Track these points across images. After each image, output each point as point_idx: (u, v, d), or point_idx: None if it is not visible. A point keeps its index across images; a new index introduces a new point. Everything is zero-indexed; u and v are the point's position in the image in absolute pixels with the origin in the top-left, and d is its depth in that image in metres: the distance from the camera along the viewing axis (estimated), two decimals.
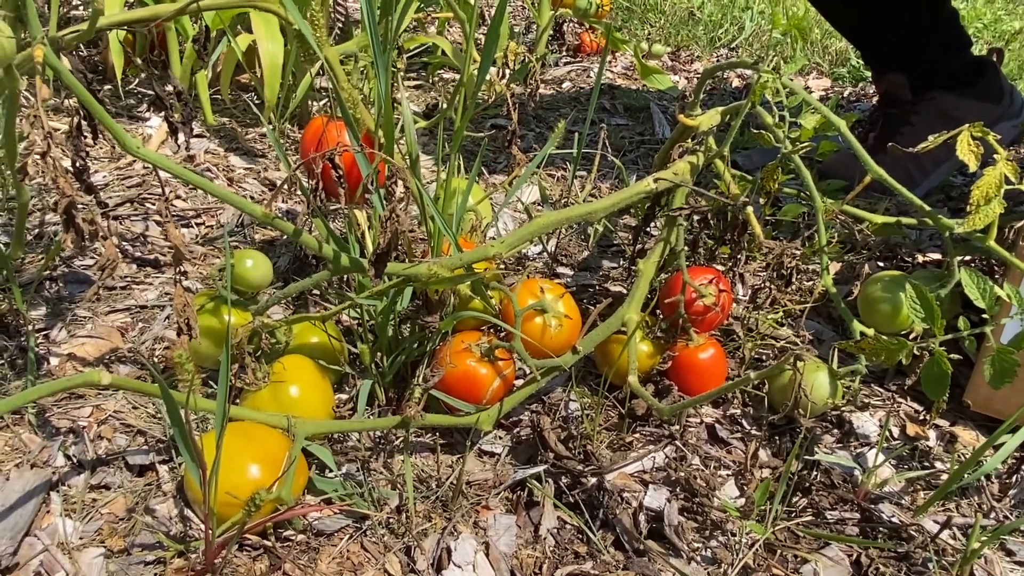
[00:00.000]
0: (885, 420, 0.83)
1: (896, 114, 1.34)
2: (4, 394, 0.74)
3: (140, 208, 1.10)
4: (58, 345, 0.82)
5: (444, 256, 0.79)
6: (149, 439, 0.72)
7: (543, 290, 0.77)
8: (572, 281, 1.06)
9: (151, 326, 0.87)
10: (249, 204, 0.63)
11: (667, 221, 0.83)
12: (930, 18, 1.28)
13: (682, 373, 0.81)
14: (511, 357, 0.77)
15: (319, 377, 0.74)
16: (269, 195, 1.15)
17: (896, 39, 1.31)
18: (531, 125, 1.55)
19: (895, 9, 1.26)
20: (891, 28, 1.29)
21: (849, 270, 1.06)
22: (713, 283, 0.82)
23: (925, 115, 1.31)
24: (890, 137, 1.33)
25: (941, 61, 1.31)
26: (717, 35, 2.30)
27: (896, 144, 1.29)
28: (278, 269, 1.00)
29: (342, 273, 0.67)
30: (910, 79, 1.33)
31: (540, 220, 0.71)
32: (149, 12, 0.78)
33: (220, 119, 1.39)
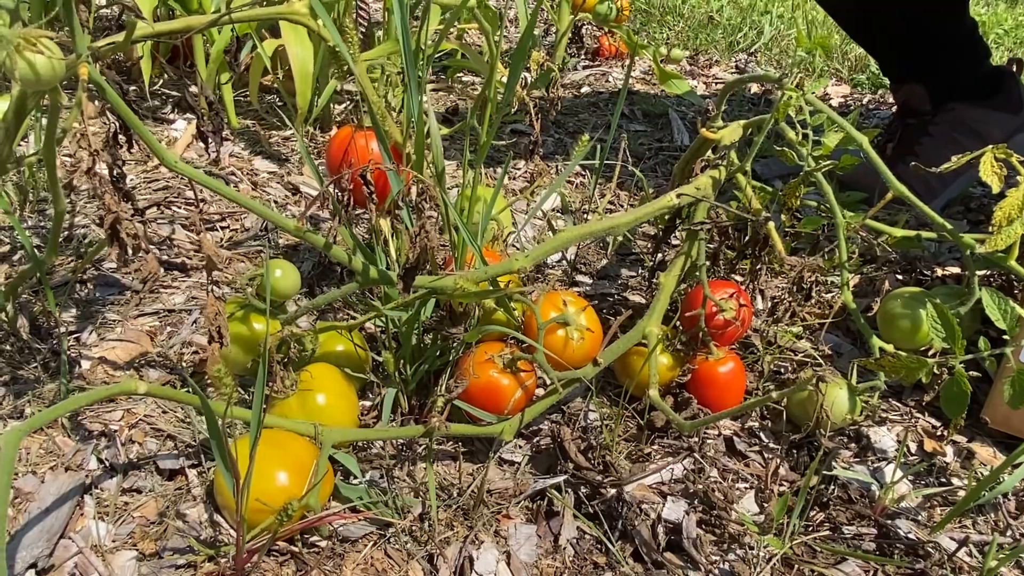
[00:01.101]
0: (903, 436, 0.84)
1: (915, 125, 1.34)
2: (38, 396, 0.76)
3: (167, 212, 1.11)
4: (89, 348, 0.84)
5: (468, 268, 0.81)
6: (179, 444, 0.74)
7: (566, 303, 0.78)
8: (591, 290, 1.07)
9: (179, 330, 0.89)
10: (282, 218, 0.64)
11: (688, 235, 0.84)
12: (950, 29, 1.28)
13: (701, 386, 0.82)
14: (533, 368, 0.78)
15: (345, 385, 0.75)
16: (302, 209, 1.17)
17: (915, 50, 1.31)
18: (550, 131, 1.56)
19: (914, 20, 1.26)
20: (910, 39, 1.29)
21: (868, 283, 1.06)
22: (734, 297, 0.83)
23: (944, 126, 1.31)
24: (908, 148, 1.33)
25: (960, 72, 1.30)
26: (736, 39, 2.30)
27: (915, 155, 1.30)
28: (302, 274, 1.02)
29: (371, 285, 0.68)
30: (929, 90, 1.33)
31: (564, 235, 0.72)
32: (182, 24, 0.79)
33: (243, 121, 1.41)
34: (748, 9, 2.63)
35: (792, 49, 2.25)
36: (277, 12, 0.80)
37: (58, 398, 0.75)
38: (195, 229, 1.01)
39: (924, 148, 1.32)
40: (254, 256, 1.06)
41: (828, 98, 1.94)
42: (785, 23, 2.46)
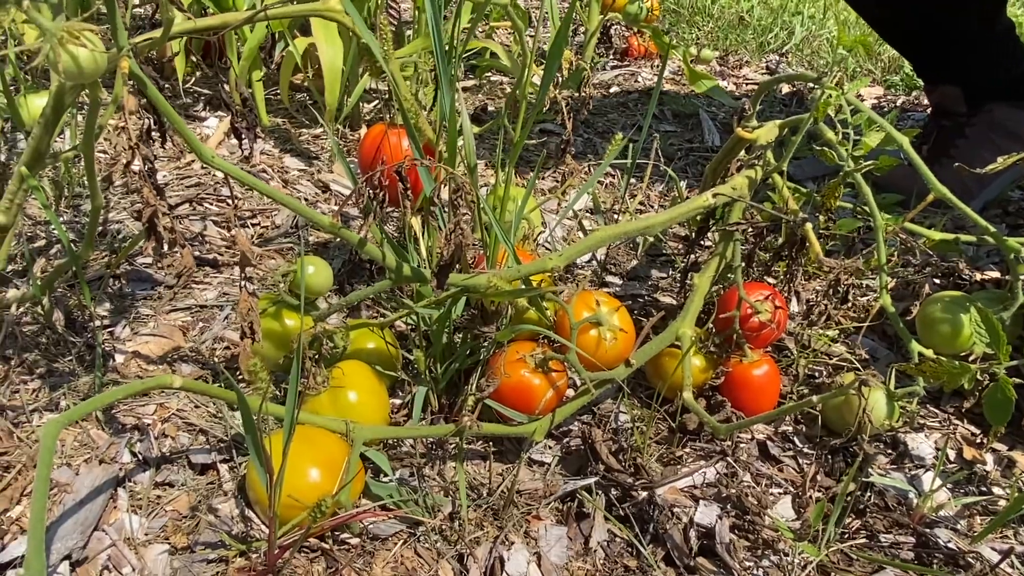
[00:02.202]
0: (942, 443, 0.82)
1: (950, 126, 1.32)
2: (73, 389, 0.76)
3: (199, 208, 1.12)
4: (123, 342, 0.84)
5: (500, 267, 0.80)
6: (211, 438, 0.74)
7: (599, 303, 0.77)
8: (621, 291, 1.06)
9: (211, 325, 0.89)
10: (316, 214, 0.64)
11: (723, 235, 0.83)
12: (985, 31, 1.25)
13: (735, 389, 0.81)
14: (564, 368, 0.78)
15: (376, 383, 0.75)
16: (333, 206, 1.17)
17: (950, 52, 1.28)
18: (579, 131, 1.55)
19: (949, 22, 1.24)
20: (945, 41, 1.27)
21: (905, 287, 1.04)
22: (769, 299, 0.81)
23: (980, 127, 1.28)
24: (944, 150, 1.31)
25: (996, 73, 1.28)
26: (767, 40, 2.28)
27: (950, 156, 1.28)
28: (332, 271, 1.02)
29: (404, 283, 0.68)
30: (964, 91, 1.30)
31: (597, 235, 0.72)
32: (219, 20, 0.80)
33: (274, 119, 1.42)
34: (779, 10, 2.60)
35: (823, 50, 2.22)
36: (312, 9, 0.81)
37: (93, 391, 0.76)
38: (228, 226, 1.02)
39: (959, 150, 1.29)
40: (285, 253, 1.06)
41: (861, 99, 1.91)
42: (816, 24, 2.43)
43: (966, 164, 1.32)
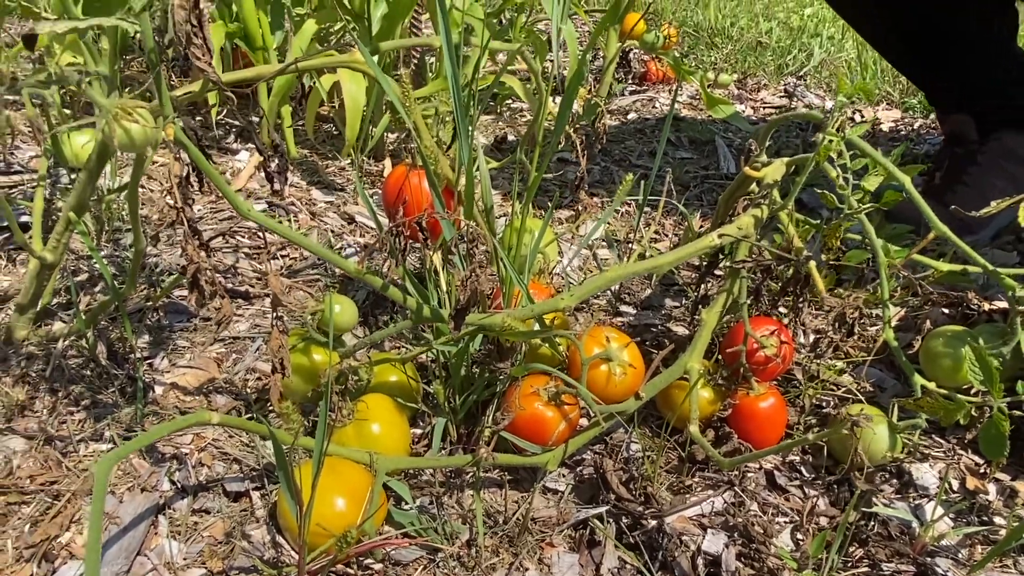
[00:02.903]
0: (944, 473, 0.84)
1: (962, 153, 1.34)
2: (116, 420, 0.82)
3: (231, 241, 1.18)
4: (161, 374, 0.90)
5: (515, 303, 0.84)
6: (244, 467, 0.79)
7: (608, 339, 0.81)
8: (635, 320, 1.09)
9: (244, 357, 0.94)
10: (343, 261, 0.69)
11: (730, 272, 0.86)
12: (997, 61, 1.28)
13: (742, 421, 0.84)
14: (576, 400, 0.81)
15: (398, 415, 0.80)
16: (358, 239, 1.22)
17: (962, 82, 1.31)
18: (596, 159, 1.59)
19: (959, 54, 1.26)
20: (957, 72, 1.29)
21: (914, 316, 1.06)
22: (775, 334, 0.84)
23: (992, 154, 1.30)
24: (957, 177, 1.33)
25: (1008, 102, 1.30)
26: (785, 62, 2.30)
27: (963, 183, 1.30)
28: (357, 303, 1.07)
29: (424, 322, 0.73)
30: (976, 119, 1.32)
31: (607, 275, 0.76)
32: (253, 73, 0.85)
33: (301, 150, 1.48)
34: (798, 31, 2.63)
35: (843, 71, 2.24)
36: (340, 61, 0.86)
37: (134, 422, 0.81)
38: (260, 260, 1.07)
39: (972, 177, 1.31)
40: (313, 283, 1.11)
41: (879, 123, 1.93)
42: (835, 45, 2.46)
43: (979, 191, 1.34)
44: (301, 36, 1.25)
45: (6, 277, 1.07)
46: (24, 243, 0.83)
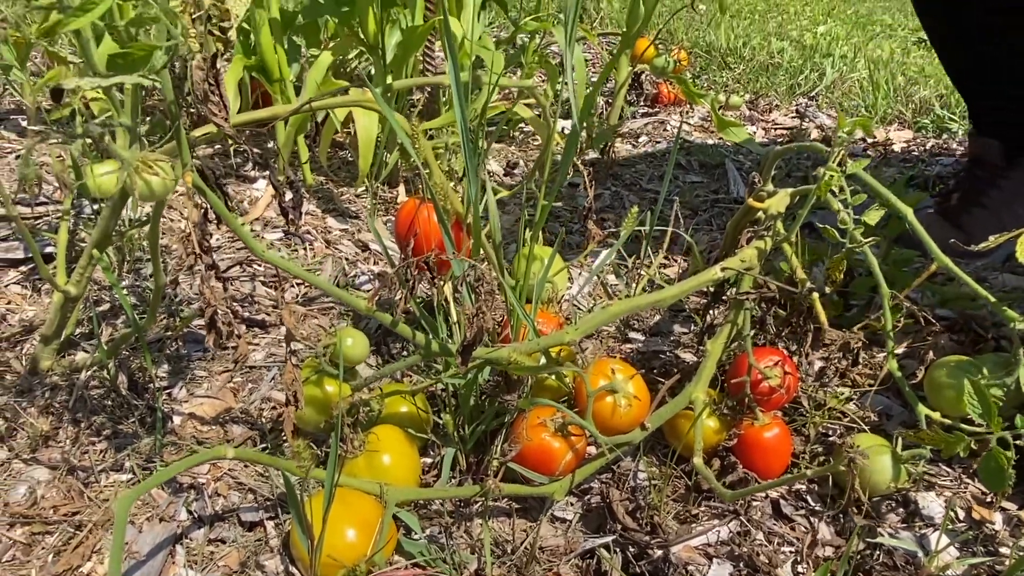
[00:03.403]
0: (950, 502, 0.85)
1: (984, 176, 1.34)
2: (136, 450, 0.84)
3: (248, 270, 1.21)
4: (179, 404, 0.92)
5: (523, 337, 0.86)
6: (259, 497, 0.81)
7: (614, 371, 0.83)
8: (643, 347, 1.11)
9: (259, 386, 0.97)
10: (354, 300, 0.71)
11: (733, 304, 0.87)
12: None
13: (747, 451, 0.85)
14: (583, 431, 0.83)
15: (408, 446, 0.82)
16: (372, 267, 1.24)
17: (998, 106, 1.32)
18: (606, 183, 1.61)
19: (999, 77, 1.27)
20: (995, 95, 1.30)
21: (922, 343, 1.07)
22: (779, 365, 0.86)
23: (1014, 180, 1.31)
24: (975, 199, 1.33)
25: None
26: (797, 82, 2.31)
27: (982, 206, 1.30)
28: (368, 331, 1.09)
29: (432, 357, 0.75)
30: (1005, 146, 1.33)
31: (612, 309, 0.77)
32: (269, 113, 0.88)
33: (317, 178, 1.51)
34: (810, 50, 2.64)
35: (854, 91, 2.25)
36: (352, 101, 0.88)
37: (154, 452, 0.84)
38: (276, 288, 1.10)
39: (992, 201, 1.32)
40: (328, 311, 1.14)
41: (890, 143, 1.93)
42: (848, 65, 2.46)
43: (998, 214, 1.34)
44: (316, 68, 1.28)
45: (31, 307, 1.10)
46: (49, 278, 0.87)
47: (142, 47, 0.53)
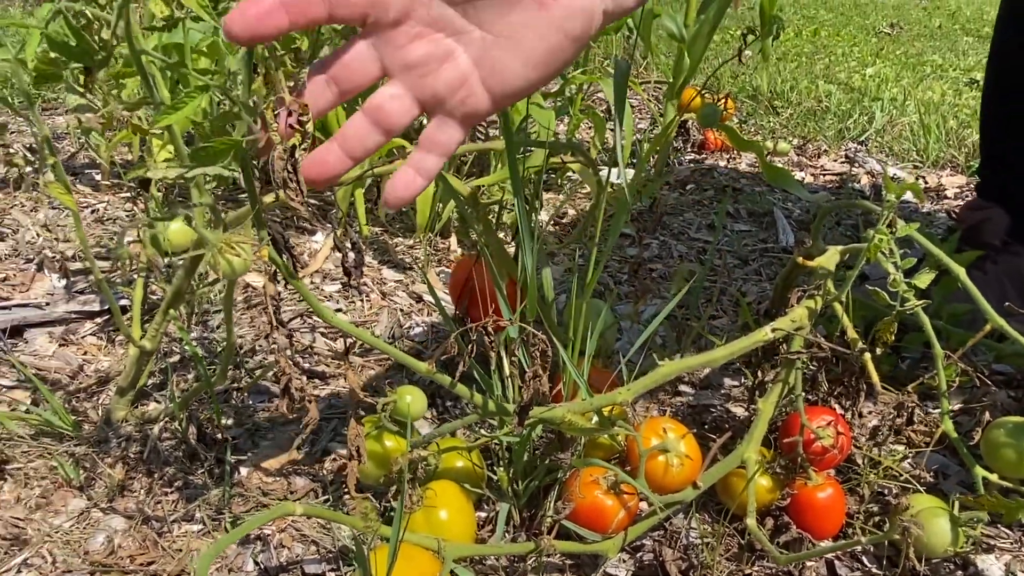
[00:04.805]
0: (1010, 566, 0.84)
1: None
2: (205, 502, 0.88)
3: (308, 321, 1.25)
4: (245, 455, 0.96)
5: (574, 394, 0.88)
6: (321, 548, 0.84)
7: (666, 430, 0.84)
8: (693, 400, 1.12)
9: (320, 438, 1.00)
10: (414, 362, 0.74)
11: (785, 363, 0.88)
12: None
13: (800, 511, 0.85)
14: (635, 489, 0.84)
15: (464, 501, 0.84)
16: (424, 319, 1.28)
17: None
18: (655, 232, 1.63)
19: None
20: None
21: (975, 401, 1.06)
22: (831, 425, 0.86)
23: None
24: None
25: None
26: (846, 126, 2.31)
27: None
28: (422, 383, 1.12)
29: (489, 416, 0.77)
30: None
31: (663, 370, 0.79)
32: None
33: (372, 229, 1.56)
34: (858, 93, 2.63)
35: (904, 135, 2.24)
36: None
37: (222, 503, 0.87)
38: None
39: None
40: (383, 362, 1.17)
41: (943, 189, 1.92)
42: (898, 108, 2.46)
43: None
44: None
45: (105, 357, 1.16)
46: (128, 334, 0.92)
47: (224, 142, 0.58)
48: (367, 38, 0.56)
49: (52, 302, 1.24)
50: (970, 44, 3.87)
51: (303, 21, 0.53)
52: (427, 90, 0.58)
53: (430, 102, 0.59)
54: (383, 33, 0.56)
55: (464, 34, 0.57)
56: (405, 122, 0.59)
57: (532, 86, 0.59)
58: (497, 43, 0.56)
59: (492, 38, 0.56)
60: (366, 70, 0.57)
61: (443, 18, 0.56)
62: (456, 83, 0.58)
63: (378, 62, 0.57)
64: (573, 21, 0.56)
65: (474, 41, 0.57)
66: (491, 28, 0.56)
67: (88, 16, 0.57)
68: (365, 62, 0.57)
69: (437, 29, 0.56)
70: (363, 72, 0.57)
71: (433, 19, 0.56)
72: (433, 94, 0.58)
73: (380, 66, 0.57)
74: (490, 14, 0.55)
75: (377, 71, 0.58)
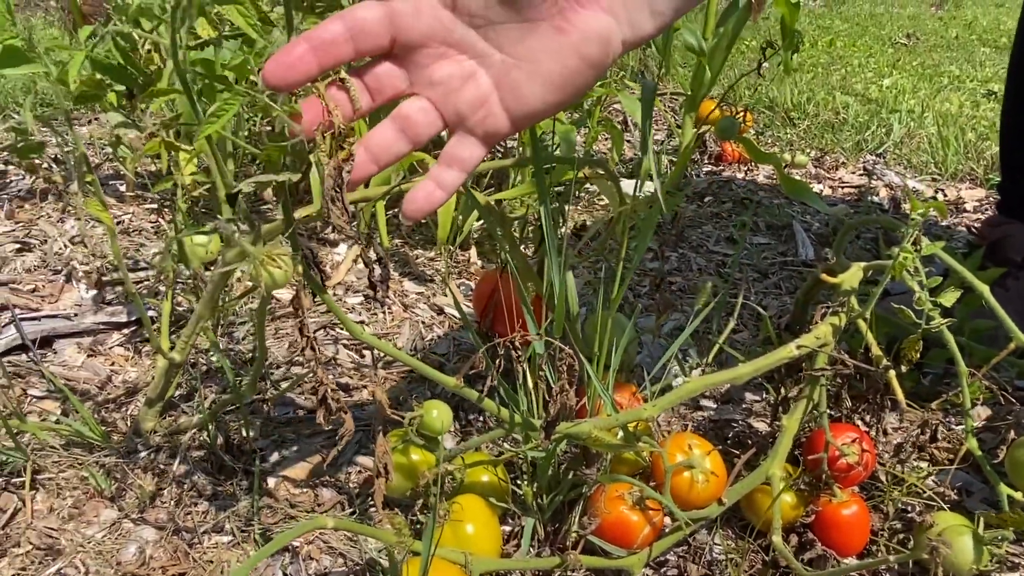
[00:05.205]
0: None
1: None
2: (235, 513, 0.89)
3: (331, 333, 1.27)
4: (272, 466, 0.98)
5: (599, 408, 0.89)
6: (348, 561, 0.85)
7: (691, 446, 0.85)
8: (715, 415, 1.12)
9: (345, 450, 1.01)
10: (444, 377, 0.75)
11: (809, 380, 0.89)
12: None
13: (825, 528, 0.85)
14: (660, 504, 0.85)
15: (490, 515, 0.85)
16: (446, 331, 1.29)
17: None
18: (673, 245, 1.63)
19: None
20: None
21: (1000, 418, 1.06)
22: (856, 442, 0.86)
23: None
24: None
25: None
26: (864, 138, 2.31)
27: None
28: (444, 395, 1.13)
29: (515, 431, 0.78)
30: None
31: (688, 386, 0.80)
32: (360, 195, 0.94)
33: (393, 240, 1.57)
34: (875, 105, 2.63)
35: (922, 148, 2.24)
36: None
37: (251, 514, 0.89)
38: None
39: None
40: (407, 375, 1.19)
41: (962, 202, 1.92)
42: (916, 120, 2.45)
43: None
44: None
45: (133, 368, 1.18)
46: (158, 346, 0.94)
47: (277, 148, 0.59)
48: (392, 60, 0.58)
49: (80, 313, 1.26)
50: (987, 55, 3.86)
51: (331, 62, 0.55)
52: (450, 107, 0.59)
53: (453, 119, 0.60)
54: (408, 56, 0.58)
55: (485, 57, 0.58)
56: (430, 133, 0.60)
57: (550, 108, 0.60)
58: (517, 66, 0.58)
59: (512, 61, 0.58)
60: (394, 83, 0.59)
61: (465, 41, 0.57)
62: (477, 102, 0.59)
63: (405, 78, 0.59)
64: (590, 46, 0.57)
65: (495, 64, 0.58)
66: (511, 51, 0.57)
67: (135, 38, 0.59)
68: (394, 77, 0.59)
69: (460, 51, 0.58)
70: (391, 85, 0.59)
71: (456, 41, 0.57)
72: (456, 111, 0.59)
73: (408, 81, 0.59)
74: (510, 38, 0.57)
75: (404, 85, 0.59)
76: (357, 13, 0.54)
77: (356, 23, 0.54)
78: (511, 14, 0.55)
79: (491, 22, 0.56)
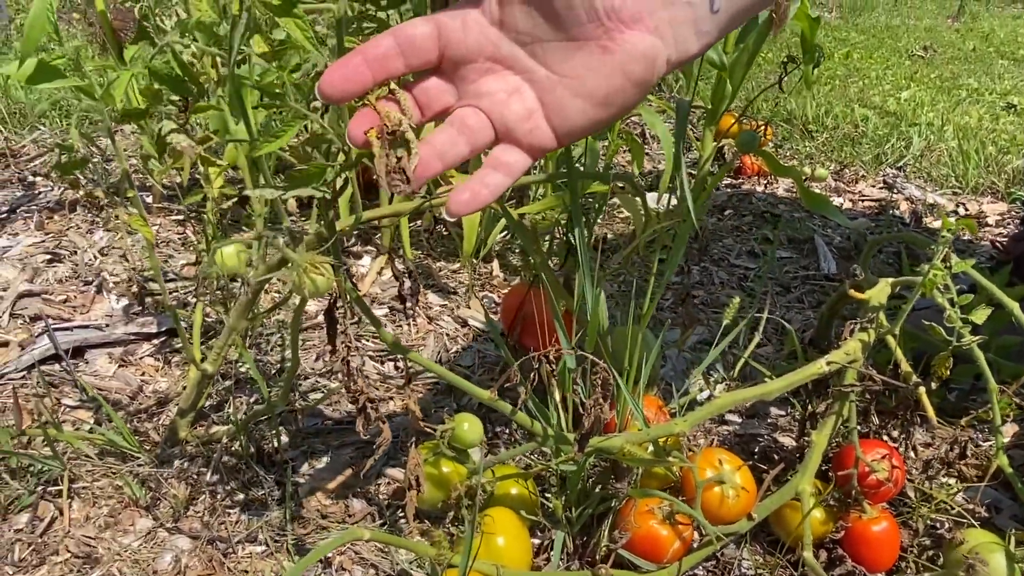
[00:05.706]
0: None
1: None
2: (267, 523, 0.91)
3: (358, 345, 1.28)
4: (303, 476, 0.99)
5: (627, 421, 0.90)
6: (380, 572, 0.86)
7: (721, 462, 0.85)
8: (740, 429, 1.12)
9: (375, 463, 1.02)
10: (475, 389, 0.76)
11: (838, 396, 0.89)
12: None
13: (855, 544, 0.86)
14: (690, 519, 0.85)
15: (520, 528, 0.85)
16: (470, 343, 1.30)
17: None
18: (695, 259, 1.64)
19: None
20: None
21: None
22: (886, 458, 0.86)
23: None
24: None
25: None
26: (883, 151, 2.31)
27: None
28: (472, 407, 1.14)
29: (548, 445, 0.79)
30: None
31: (718, 402, 0.80)
32: (392, 210, 0.96)
33: (415, 252, 1.59)
34: (894, 118, 2.63)
35: (942, 161, 2.23)
36: None
37: (284, 524, 0.90)
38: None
39: None
40: (432, 387, 1.20)
41: (983, 216, 1.91)
42: (935, 133, 2.45)
43: None
44: None
45: (163, 378, 1.19)
46: (191, 357, 0.95)
47: (317, 166, 0.61)
48: (440, 75, 0.59)
49: (111, 323, 1.28)
50: (1005, 67, 3.85)
51: (384, 75, 0.56)
52: (499, 117, 0.60)
53: (501, 129, 0.61)
54: (456, 71, 0.58)
55: (531, 72, 0.59)
56: (485, 140, 0.60)
57: (594, 125, 0.61)
58: (562, 83, 0.59)
59: (557, 78, 0.59)
60: (443, 98, 0.60)
61: (511, 56, 0.58)
62: (524, 115, 0.60)
63: (454, 92, 0.60)
64: (635, 65, 0.57)
65: (540, 80, 0.59)
66: (556, 68, 0.58)
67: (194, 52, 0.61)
68: (442, 91, 0.60)
69: (506, 67, 0.59)
70: (440, 100, 0.60)
71: (502, 57, 0.58)
72: (504, 122, 0.60)
73: (456, 96, 0.60)
74: (556, 56, 0.58)
75: (452, 99, 0.60)
76: (407, 29, 0.55)
77: (406, 38, 0.55)
78: (557, 33, 0.56)
79: (537, 39, 0.57)
